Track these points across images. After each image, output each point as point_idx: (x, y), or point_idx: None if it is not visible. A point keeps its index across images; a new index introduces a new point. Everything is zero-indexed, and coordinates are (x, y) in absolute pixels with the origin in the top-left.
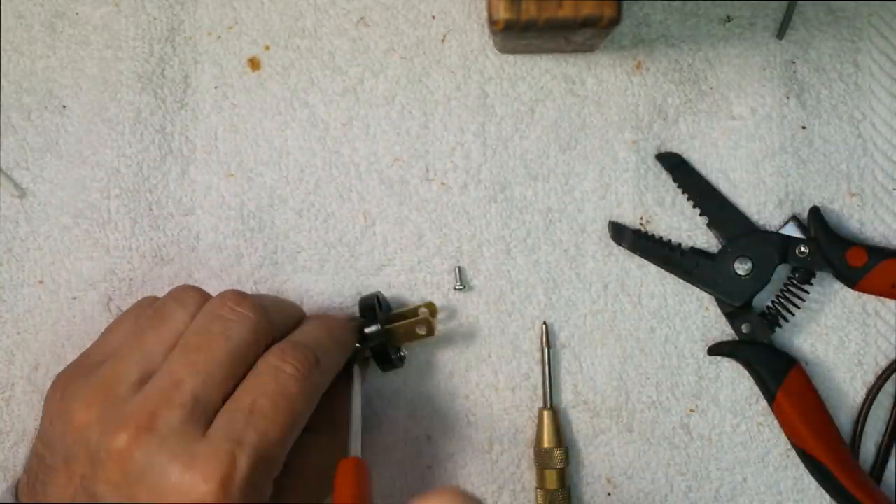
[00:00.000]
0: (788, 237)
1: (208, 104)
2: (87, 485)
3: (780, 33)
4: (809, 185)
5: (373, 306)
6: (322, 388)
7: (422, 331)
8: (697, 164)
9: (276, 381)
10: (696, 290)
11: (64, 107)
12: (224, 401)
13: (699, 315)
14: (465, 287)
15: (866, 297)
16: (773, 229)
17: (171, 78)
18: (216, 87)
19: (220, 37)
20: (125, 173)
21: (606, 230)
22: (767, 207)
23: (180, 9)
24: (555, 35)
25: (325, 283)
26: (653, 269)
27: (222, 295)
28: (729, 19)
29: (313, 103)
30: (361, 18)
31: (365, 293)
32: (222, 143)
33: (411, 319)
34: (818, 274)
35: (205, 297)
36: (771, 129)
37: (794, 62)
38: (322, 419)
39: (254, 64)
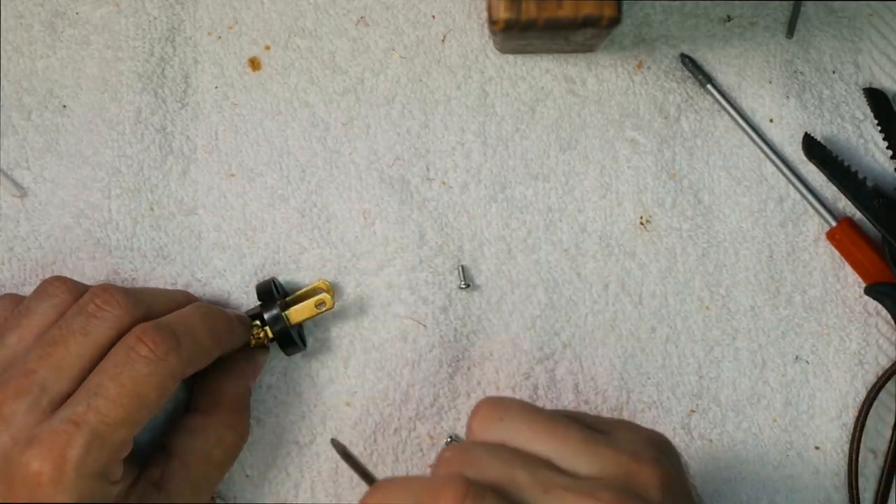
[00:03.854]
0: None
1: (209, 104)
2: None
3: (790, 32)
4: (811, 185)
5: (270, 290)
6: (182, 370)
7: (321, 307)
8: (699, 162)
9: (125, 363)
10: (697, 289)
11: (64, 106)
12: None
13: (700, 315)
14: (469, 285)
15: (867, 296)
16: (775, 226)
17: (172, 78)
18: (216, 87)
19: (220, 37)
20: (126, 173)
21: (607, 230)
22: (769, 206)
23: (180, 8)
24: (555, 35)
25: None
26: (653, 268)
27: (92, 290)
28: (729, 19)
29: (314, 103)
30: (361, 18)
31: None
32: (223, 142)
33: (311, 299)
34: None
35: (75, 289)
36: (771, 128)
37: (794, 62)
38: (209, 400)
39: (254, 64)
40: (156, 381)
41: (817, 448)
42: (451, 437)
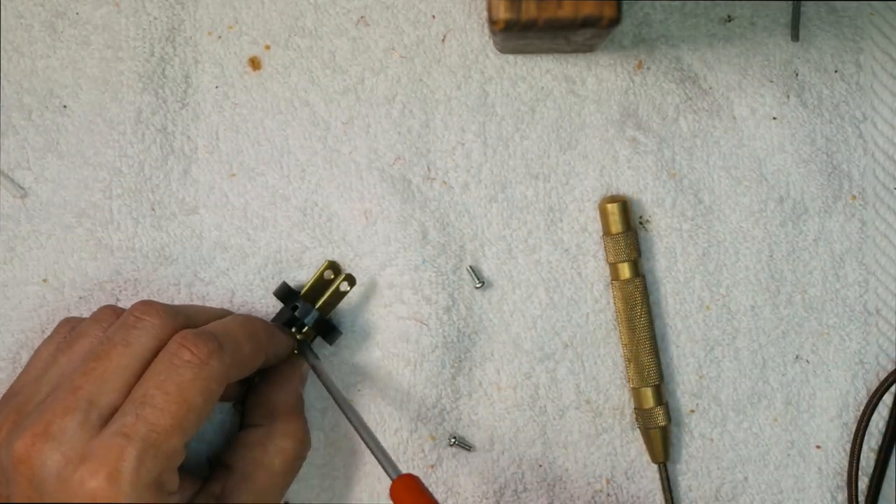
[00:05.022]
0: None
1: (209, 104)
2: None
3: (795, 36)
4: (811, 185)
5: (289, 290)
6: (226, 373)
7: (345, 287)
8: (699, 162)
9: (168, 370)
10: (697, 289)
11: (65, 106)
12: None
13: (700, 315)
14: (483, 283)
15: (868, 295)
16: (775, 226)
17: (172, 77)
18: (217, 87)
19: (220, 36)
20: (127, 173)
21: None
22: (769, 206)
23: (180, 8)
24: (555, 35)
25: None
26: (653, 268)
27: (132, 306)
28: (729, 19)
29: (314, 102)
30: (362, 18)
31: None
32: (224, 142)
33: (332, 286)
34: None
35: (120, 313)
36: (771, 128)
37: (794, 62)
38: (262, 412)
39: (254, 63)
40: (201, 386)
41: (818, 447)
42: (453, 437)
